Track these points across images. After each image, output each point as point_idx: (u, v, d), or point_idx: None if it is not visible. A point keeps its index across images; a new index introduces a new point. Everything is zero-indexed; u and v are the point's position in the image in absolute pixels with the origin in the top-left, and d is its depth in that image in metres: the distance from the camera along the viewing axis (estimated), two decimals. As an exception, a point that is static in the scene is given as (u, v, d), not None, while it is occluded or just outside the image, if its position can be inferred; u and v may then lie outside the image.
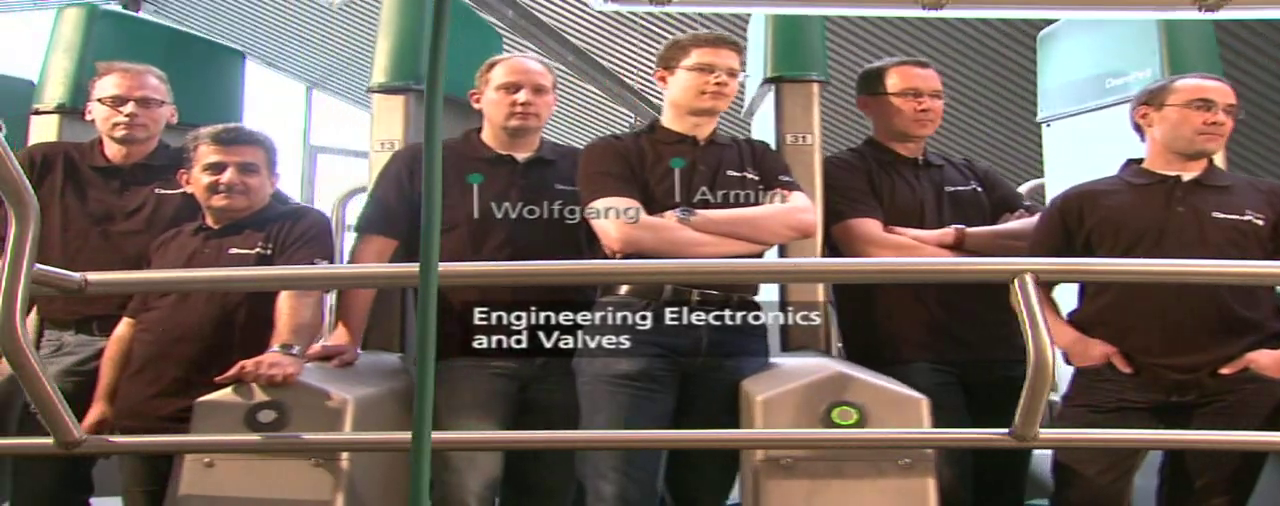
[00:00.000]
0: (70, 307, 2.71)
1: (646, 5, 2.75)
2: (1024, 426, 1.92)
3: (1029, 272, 1.89)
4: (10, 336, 1.67)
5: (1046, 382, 1.85)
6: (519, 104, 2.63)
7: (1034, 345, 1.83)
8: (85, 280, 1.92)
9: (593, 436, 2.37)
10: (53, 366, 2.66)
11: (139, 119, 2.78)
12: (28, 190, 1.64)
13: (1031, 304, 1.85)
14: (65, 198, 2.77)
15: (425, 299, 1.20)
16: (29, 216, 1.65)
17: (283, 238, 2.58)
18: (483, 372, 2.48)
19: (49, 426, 1.87)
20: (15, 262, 1.66)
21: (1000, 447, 2.25)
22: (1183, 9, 2.63)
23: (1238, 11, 2.69)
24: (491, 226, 2.57)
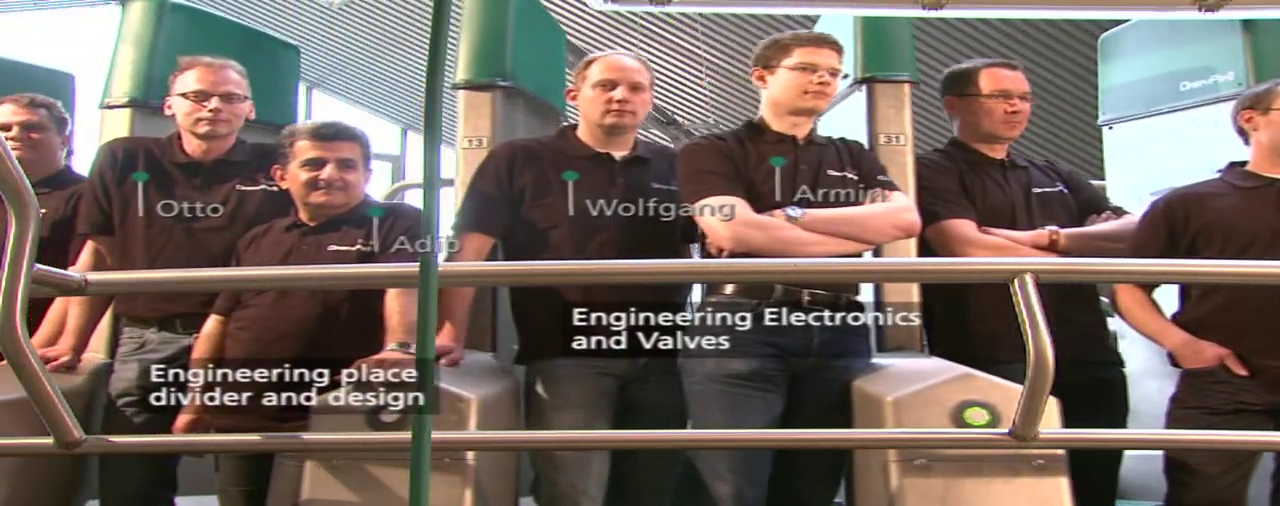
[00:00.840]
0: (153, 305, 2.69)
1: (646, 5, 2.76)
2: (1024, 426, 1.92)
3: (1029, 272, 1.89)
4: (10, 336, 1.67)
5: (1047, 382, 1.85)
6: (615, 101, 2.62)
7: (1034, 345, 1.83)
8: (85, 280, 1.92)
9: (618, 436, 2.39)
10: (135, 364, 2.65)
11: (222, 115, 2.74)
12: (28, 190, 1.64)
13: (1032, 304, 1.85)
14: (148, 194, 2.73)
15: (425, 299, 1.20)
16: (29, 216, 1.65)
17: (386, 235, 2.54)
18: (587, 372, 2.48)
19: (49, 426, 1.87)
20: (15, 262, 1.66)
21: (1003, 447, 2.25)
22: (1183, 9, 2.63)
23: (1238, 11, 2.70)
24: (591, 225, 2.57)
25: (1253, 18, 3.18)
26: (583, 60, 2.72)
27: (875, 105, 2.98)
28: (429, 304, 1.21)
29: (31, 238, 1.66)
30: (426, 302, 1.20)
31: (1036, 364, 1.83)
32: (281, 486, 2.38)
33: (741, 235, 2.39)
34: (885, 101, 2.98)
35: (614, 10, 7.85)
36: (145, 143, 2.85)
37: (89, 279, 1.94)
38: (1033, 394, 1.87)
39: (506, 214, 2.63)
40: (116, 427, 2.57)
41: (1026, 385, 1.87)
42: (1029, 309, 1.85)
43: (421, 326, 1.21)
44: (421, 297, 1.20)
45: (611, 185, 2.62)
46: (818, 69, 2.54)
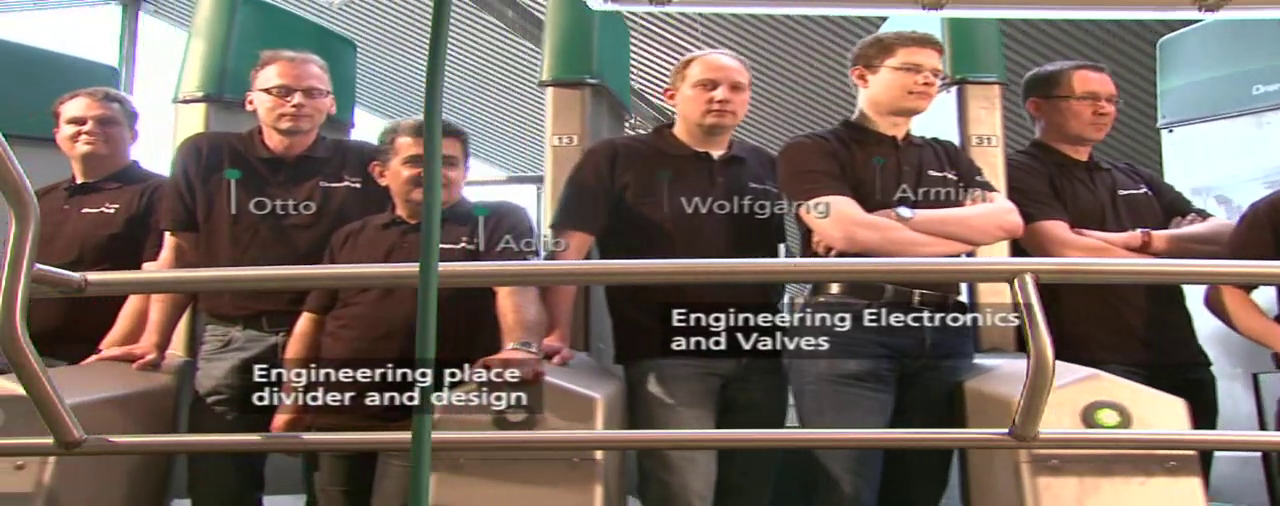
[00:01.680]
0: (240, 303, 2.68)
1: (646, 5, 2.76)
2: (1024, 426, 1.92)
3: (1029, 272, 1.89)
4: (10, 336, 1.67)
5: (1047, 382, 1.85)
6: (716, 101, 2.63)
7: (1034, 345, 1.83)
8: (85, 280, 1.92)
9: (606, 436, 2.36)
10: (222, 363, 2.64)
11: (304, 110, 2.72)
12: (28, 190, 1.64)
13: (1032, 304, 1.85)
14: (237, 191, 2.71)
15: (425, 299, 1.20)
16: (29, 216, 1.65)
17: (491, 234, 2.53)
18: (693, 371, 2.49)
19: (48, 426, 1.87)
20: (15, 263, 1.66)
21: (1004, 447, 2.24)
22: (1183, 9, 2.63)
23: (1238, 11, 2.69)
24: (692, 224, 2.58)
25: (1253, 18, 3.18)
26: (684, 59, 2.73)
27: (966, 107, 3.00)
28: (429, 304, 1.21)
29: (31, 237, 1.65)
30: (427, 303, 1.20)
31: (1036, 364, 1.83)
32: (388, 487, 2.37)
33: (855, 235, 2.40)
34: (976, 103, 3.00)
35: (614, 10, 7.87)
36: (228, 138, 2.83)
37: (89, 279, 1.93)
38: (1033, 394, 1.87)
39: (607, 212, 2.63)
40: (206, 426, 2.56)
41: (1026, 385, 1.87)
42: (1029, 309, 1.85)
43: (422, 326, 1.21)
44: (421, 297, 1.20)
45: (711, 184, 2.64)
46: (922, 69, 2.55)
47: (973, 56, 3.02)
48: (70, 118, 2.98)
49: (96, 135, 2.95)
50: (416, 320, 2.30)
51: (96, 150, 2.96)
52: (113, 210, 2.92)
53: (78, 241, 2.89)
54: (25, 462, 2.15)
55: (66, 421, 1.86)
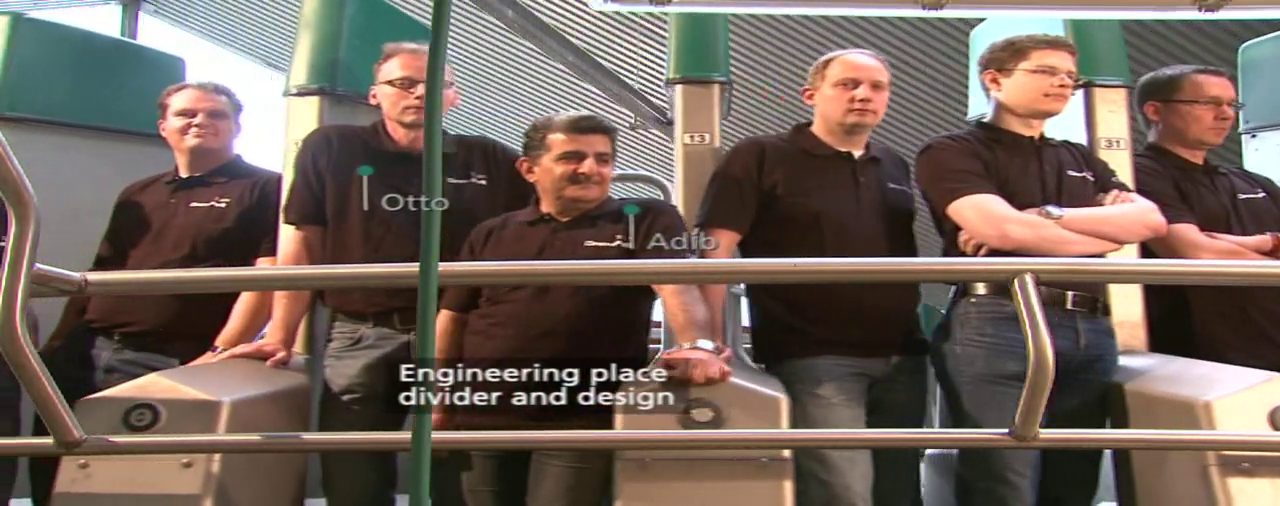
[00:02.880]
0: (370, 299, 2.64)
1: (646, 5, 2.76)
2: (1024, 426, 1.92)
3: (1029, 272, 1.89)
4: (10, 336, 1.66)
5: (1047, 382, 1.85)
6: (858, 99, 2.63)
7: (1034, 345, 1.83)
8: (85, 280, 1.91)
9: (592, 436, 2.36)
10: (353, 360, 2.62)
11: None
12: (28, 190, 1.64)
13: (1032, 304, 1.85)
14: (371, 185, 2.67)
15: (425, 298, 1.20)
16: (29, 216, 1.64)
17: (643, 232, 2.49)
18: (844, 371, 2.50)
19: (49, 426, 1.87)
20: (15, 262, 1.65)
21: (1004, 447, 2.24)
22: (1183, 9, 2.63)
23: (1238, 11, 2.69)
24: (839, 223, 2.59)
25: (1253, 18, 3.18)
26: (822, 59, 2.73)
27: (1094, 109, 2.99)
28: (429, 305, 1.21)
29: (31, 237, 1.65)
30: (427, 304, 1.20)
31: (1036, 364, 1.83)
32: (548, 488, 2.36)
33: (1009, 232, 2.41)
34: (1103, 106, 2.99)
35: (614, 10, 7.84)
36: (357, 132, 2.79)
37: (89, 279, 1.92)
38: (1033, 394, 1.86)
39: (755, 210, 2.63)
40: (341, 423, 2.55)
41: (1027, 385, 1.86)
42: (1029, 309, 1.85)
43: (422, 327, 1.21)
44: (421, 297, 1.20)
45: (855, 184, 2.65)
46: (1057, 72, 2.57)
47: (1097, 59, 3.01)
48: (179, 110, 2.95)
49: (206, 128, 2.93)
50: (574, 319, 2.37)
51: (205, 143, 2.93)
52: (223, 204, 2.90)
53: (189, 236, 2.86)
54: (192, 461, 2.14)
55: (66, 421, 1.86)
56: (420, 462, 1.20)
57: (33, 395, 1.80)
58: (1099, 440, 2.39)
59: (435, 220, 1.20)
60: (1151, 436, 2.33)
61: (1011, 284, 1.89)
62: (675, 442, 2.19)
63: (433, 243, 1.21)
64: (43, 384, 1.77)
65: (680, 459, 2.11)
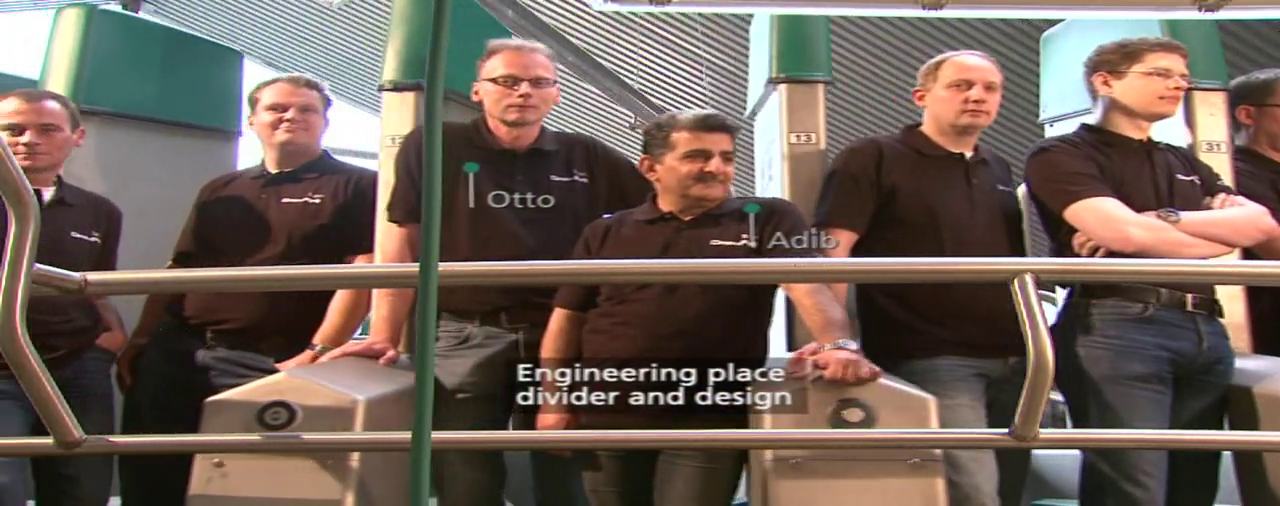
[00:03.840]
0: (478, 298, 2.63)
1: (646, 5, 2.76)
2: (1024, 426, 1.91)
3: (1029, 272, 1.89)
4: (10, 336, 1.66)
5: (1047, 382, 1.85)
6: (971, 100, 2.65)
7: (1034, 345, 1.83)
8: (85, 280, 1.91)
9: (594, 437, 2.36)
10: (462, 359, 2.61)
11: (532, 100, 2.66)
12: (27, 190, 1.64)
13: (1031, 304, 1.85)
14: (477, 183, 2.67)
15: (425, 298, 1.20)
16: (28, 216, 1.64)
17: (765, 231, 2.49)
18: (967, 372, 2.51)
19: (48, 426, 1.87)
20: (15, 263, 1.65)
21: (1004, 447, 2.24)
22: (1183, 9, 2.63)
23: (1238, 11, 2.70)
24: (958, 224, 2.62)
25: (1252, 18, 3.18)
26: (933, 60, 2.75)
27: (1194, 112, 3.01)
28: (429, 305, 1.21)
29: (31, 237, 1.65)
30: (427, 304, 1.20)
31: (1036, 364, 1.83)
32: (678, 488, 2.36)
33: (1130, 235, 2.43)
34: (1204, 109, 3.01)
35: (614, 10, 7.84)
36: (461, 128, 2.78)
37: (89, 280, 1.92)
38: (1033, 394, 1.86)
39: (873, 210, 2.65)
40: (455, 422, 2.53)
41: (1026, 385, 1.86)
42: (1029, 309, 1.85)
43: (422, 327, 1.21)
44: (421, 297, 1.20)
45: (968, 185, 2.67)
46: (1171, 74, 2.60)
47: (1196, 62, 2.98)
48: (270, 104, 2.92)
49: (298, 123, 2.90)
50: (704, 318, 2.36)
51: (296, 138, 2.91)
52: (318, 201, 2.88)
53: (283, 232, 2.85)
54: (333, 461, 2.13)
55: (66, 421, 1.86)
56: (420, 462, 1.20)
57: (32, 395, 1.80)
58: (1101, 440, 2.39)
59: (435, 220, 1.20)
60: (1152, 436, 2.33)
61: (1012, 284, 1.89)
62: (682, 442, 2.18)
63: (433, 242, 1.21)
64: (43, 384, 1.77)
65: (832, 459, 2.11)
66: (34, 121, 2.68)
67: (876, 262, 2.58)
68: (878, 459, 2.09)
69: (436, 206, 1.21)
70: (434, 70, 1.18)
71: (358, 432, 2.23)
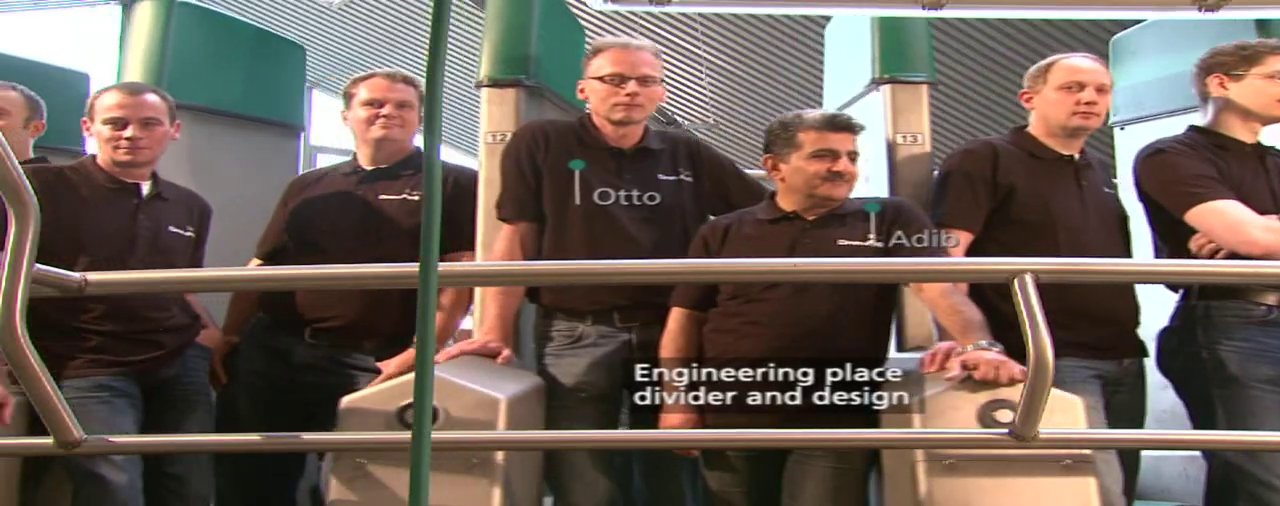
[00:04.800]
0: (590, 297, 2.62)
1: (646, 5, 2.76)
2: (1024, 426, 1.92)
3: (1029, 272, 1.89)
4: (10, 336, 1.66)
5: (1047, 382, 1.85)
6: (1083, 103, 2.65)
7: (1034, 345, 1.83)
8: (84, 280, 1.91)
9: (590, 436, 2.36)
10: (576, 359, 2.61)
11: (638, 99, 2.66)
12: (27, 190, 1.63)
13: (1031, 304, 1.85)
14: (586, 181, 2.66)
15: (425, 298, 1.20)
16: (29, 216, 1.64)
17: (887, 229, 2.48)
18: (1085, 373, 2.50)
19: (48, 426, 1.87)
20: (15, 262, 1.65)
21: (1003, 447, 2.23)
22: (1183, 9, 2.63)
23: (1238, 11, 2.70)
24: (1073, 225, 2.62)
25: (1253, 18, 3.18)
26: (1042, 63, 2.74)
27: None
28: (429, 305, 1.21)
29: (31, 237, 1.65)
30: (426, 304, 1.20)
31: (1036, 364, 1.83)
32: (811, 489, 2.37)
33: (1255, 238, 2.43)
34: None
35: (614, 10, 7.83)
36: (567, 126, 2.77)
37: (89, 280, 1.92)
38: (1033, 394, 1.86)
39: (988, 211, 2.64)
40: (573, 421, 2.54)
41: (1026, 385, 1.86)
42: (1029, 309, 1.85)
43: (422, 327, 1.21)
44: (421, 297, 1.20)
45: (1078, 186, 2.67)
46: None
47: None
48: (367, 100, 2.88)
49: (394, 119, 2.86)
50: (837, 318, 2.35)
51: (392, 134, 2.87)
52: (417, 198, 2.84)
53: (385, 229, 2.81)
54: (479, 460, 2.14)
55: (66, 421, 1.86)
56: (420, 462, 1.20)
57: (32, 395, 1.80)
58: (1101, 440, 2.38)
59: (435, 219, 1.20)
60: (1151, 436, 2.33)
61: (1012, 284, 1.89)
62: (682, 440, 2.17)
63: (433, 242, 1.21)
64: (43, 384, 1.77)
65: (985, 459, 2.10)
66: (136, 115, 2.64)
67: (875, 263, 2.57)
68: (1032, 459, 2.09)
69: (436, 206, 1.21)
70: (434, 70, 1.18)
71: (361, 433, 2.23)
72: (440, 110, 1.19)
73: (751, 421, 2.12)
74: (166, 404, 2.62)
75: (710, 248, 2.53)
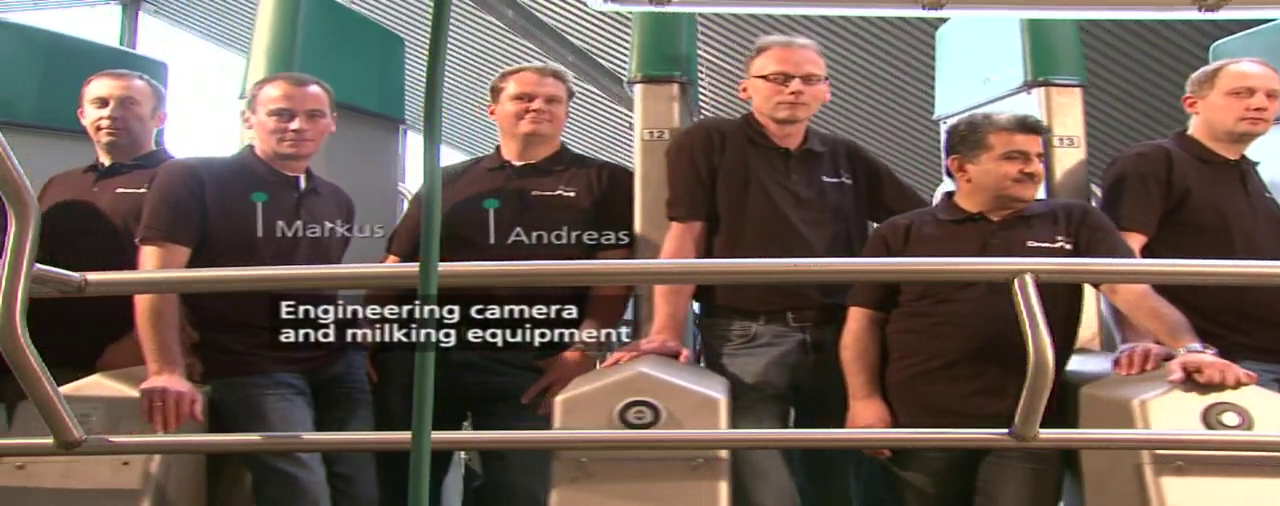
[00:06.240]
0: (762, 296, 2.60)
1: (646, 5, 2.75)
2: (1024, 426, 1.92)
3: (1029, 273, 1.89)
4: (10, 336, 1.66)
5: (1047, 382, 1.85)
6: (1253, 108, 2.67)
7: (1034, 345, 1.84)
8: (84, 280, 1.91)
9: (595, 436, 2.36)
10: (752, 358, 2.59)
11: (803, 97, 2.64)
12: (28, 190, 1.63)
13: (1031, 304, 1.85)
14: (759, 181, 2.64)
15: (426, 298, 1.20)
16: (29, 216, 1.64)
17: (1076, 230, 2.47)
18: (1269, 376, 2.44)
19: (49, 425, 1.87)
20: (15, 262, 1.65)
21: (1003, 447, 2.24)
22: (1183, 9, 2.63)
23: (1238, 11, 2.70)
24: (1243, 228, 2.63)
25: (1253, 17, 3.18)
26: (1208, 68, 2.75)
27: None
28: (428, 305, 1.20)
29: (31, 237, 1.65)
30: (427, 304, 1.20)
31: (1036, 364, 1.83)
32: (1011, 489, 2.37)
33: None
34: None
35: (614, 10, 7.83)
36: (737, 125, 2.75)
37: (89, 279, 1.92)
38: (1033, 394, 1.87)
39: (1161, 214, 2.64)
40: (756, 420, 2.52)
41: (1027, 385, 1.87)
42: (1029, 309, 1.85)
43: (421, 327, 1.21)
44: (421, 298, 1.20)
45: (1245, 191, 2.68)
46: None
47: None
48: (516, 94, 2.84)
49: (543, 113, 2.82)
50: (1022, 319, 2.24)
51: (541, 129, 2.82)
52: (573, 194, 2.80)
53: (542, 226, 2.72)
54: (705, 459, 2.13)
55: (66, 421, 1.86)
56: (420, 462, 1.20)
57: (32, 395, 1.80)
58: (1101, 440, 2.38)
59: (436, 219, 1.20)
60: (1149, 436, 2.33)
61: (1012, 284, 1.89)
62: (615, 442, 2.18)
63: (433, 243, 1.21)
64: (43, 384, 1.77)
65: (1210, 462, 2.08)
66: (301, 107, 2.61)
67: (876, 262, 2.57)
68: (1262, 461, 2.07)
69: (437, 206, 1.21)
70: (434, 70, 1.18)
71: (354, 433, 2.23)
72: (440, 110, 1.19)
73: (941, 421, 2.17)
74: (331, 401, 2.59)
75: (891, 247, 2.51)
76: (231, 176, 2.60)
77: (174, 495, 2.26)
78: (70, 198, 2.80)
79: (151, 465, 2.22)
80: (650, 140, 2.90)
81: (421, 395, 1.18)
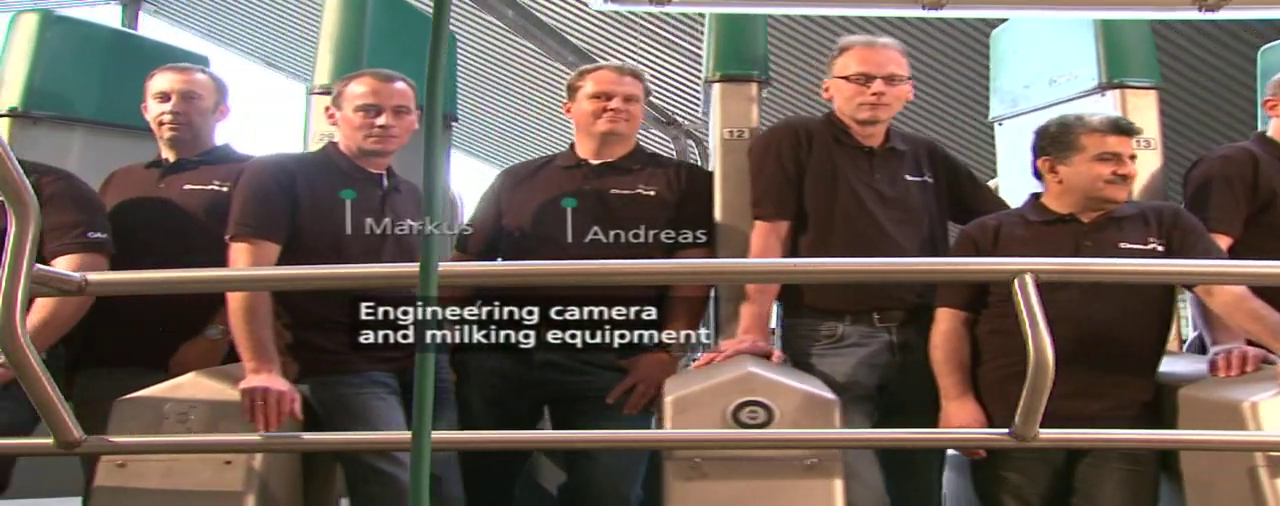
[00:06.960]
0: (848, 297, 2.59)
1: (646, 5, 2.75)
2: (1024, 426, 1.92)
3: (1029, 272, 1.89)
4: (10, 336, 1.66)
5: (1047, 382, 1.85)
6: None
7: (1034, 345, 1.84)
8: (84, 279, 1.91)
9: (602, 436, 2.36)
10: (840, 358, 2.58)
11: (885, 98, 2.64)
12: (28, 190, 1.63)
13: (1031, 304, 1.85)
14: (846, 180, 2.65)
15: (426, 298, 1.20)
16: (29, 216, 1.64)
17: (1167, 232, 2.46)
18: None
19: (49, 425, 1.87)
20: (15, 262, 1.65)
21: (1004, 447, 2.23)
22: (1183, 9, 2.63)
23: (1238, 11, 2.70)
24: None
25: (1252, 18, 3.18)
26: None
27: None
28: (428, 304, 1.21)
29: (31, 237, 1.65)
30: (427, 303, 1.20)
31: (1036, 364, 1.83)
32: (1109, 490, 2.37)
33: None
34: None
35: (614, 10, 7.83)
36: (821, 126, 2.75)
37: (89, 279, 1.92)
38: (1033, 394, 1.87)
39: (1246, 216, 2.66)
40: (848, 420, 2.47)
41: (1027, 385, 1.87)
42: (1029, 309, 1.85)
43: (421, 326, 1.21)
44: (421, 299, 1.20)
45: None
46: None
47: None
48: (594, 92, 2.82)
49: (621, 112, 2.81)
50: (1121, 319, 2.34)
51: (619, 128, 2.80)
52: (653, 192, 2.79)
53: (621, 225, 2.68)
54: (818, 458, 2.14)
55: (66, 421, 1.86)
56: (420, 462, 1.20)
57: (32, 395, 1.80)
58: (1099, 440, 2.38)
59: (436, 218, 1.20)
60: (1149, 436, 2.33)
61: (1012, 284, 1.89)
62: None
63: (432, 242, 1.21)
64: (43, 384, 1.77)
65: None
66: (388, 102, 2.60)
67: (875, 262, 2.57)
68: None
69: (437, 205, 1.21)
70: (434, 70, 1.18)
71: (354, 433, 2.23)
72: (439, 111, 1.19)
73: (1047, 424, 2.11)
74: None
75: (980, 248, 2.50)
76: (318, 172, 2.58)
77: (277, 494, 2.27)
78: (136, 194, 2.78)
79: (254, 463, 2.23)
80: (729, 139, 2.90)
81: (422, 395, 1.19)
